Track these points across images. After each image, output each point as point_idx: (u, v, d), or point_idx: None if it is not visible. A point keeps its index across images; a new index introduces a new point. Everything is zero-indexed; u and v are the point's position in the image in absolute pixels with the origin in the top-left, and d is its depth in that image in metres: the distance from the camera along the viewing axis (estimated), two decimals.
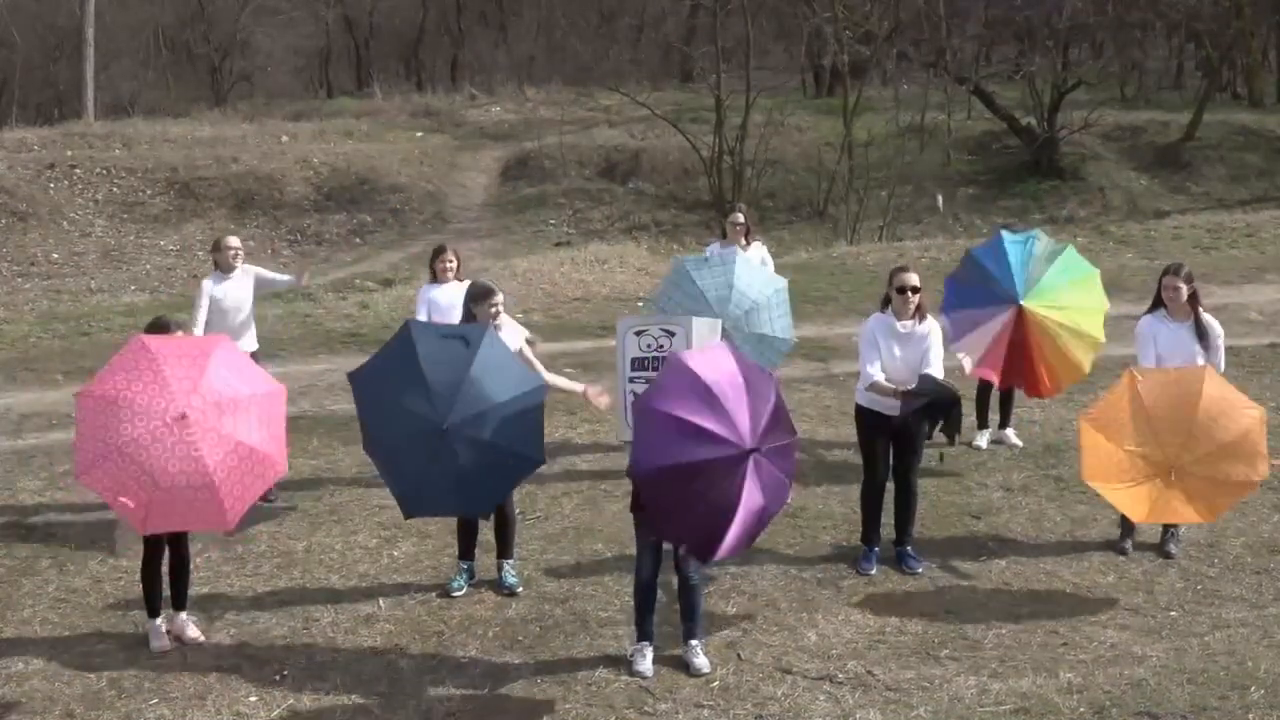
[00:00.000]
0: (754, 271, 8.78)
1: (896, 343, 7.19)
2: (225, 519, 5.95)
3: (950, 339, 8.41)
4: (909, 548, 7.50)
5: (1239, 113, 29.76)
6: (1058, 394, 9.00)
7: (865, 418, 7.40)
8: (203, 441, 5.82)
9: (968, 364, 8.58)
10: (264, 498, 7.31)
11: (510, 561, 7.29)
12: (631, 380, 6.29)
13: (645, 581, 6.33)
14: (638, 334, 6.28)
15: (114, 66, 36.93)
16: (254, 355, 8.12)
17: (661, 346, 6.25)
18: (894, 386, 7.07)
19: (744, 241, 9.82)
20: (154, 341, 6.13)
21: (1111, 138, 27.45)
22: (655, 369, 6.24)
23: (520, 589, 7.20)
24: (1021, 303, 8.34)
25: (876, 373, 7.12)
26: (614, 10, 41.66)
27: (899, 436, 7.36)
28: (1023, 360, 8.49)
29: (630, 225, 24.02)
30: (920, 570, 7.38)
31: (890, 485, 7.48)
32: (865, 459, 7.49)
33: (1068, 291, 8.58)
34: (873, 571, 7.37)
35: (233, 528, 6.15)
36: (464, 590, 7.19)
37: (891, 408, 7.20)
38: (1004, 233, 8.96)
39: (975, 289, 8.61)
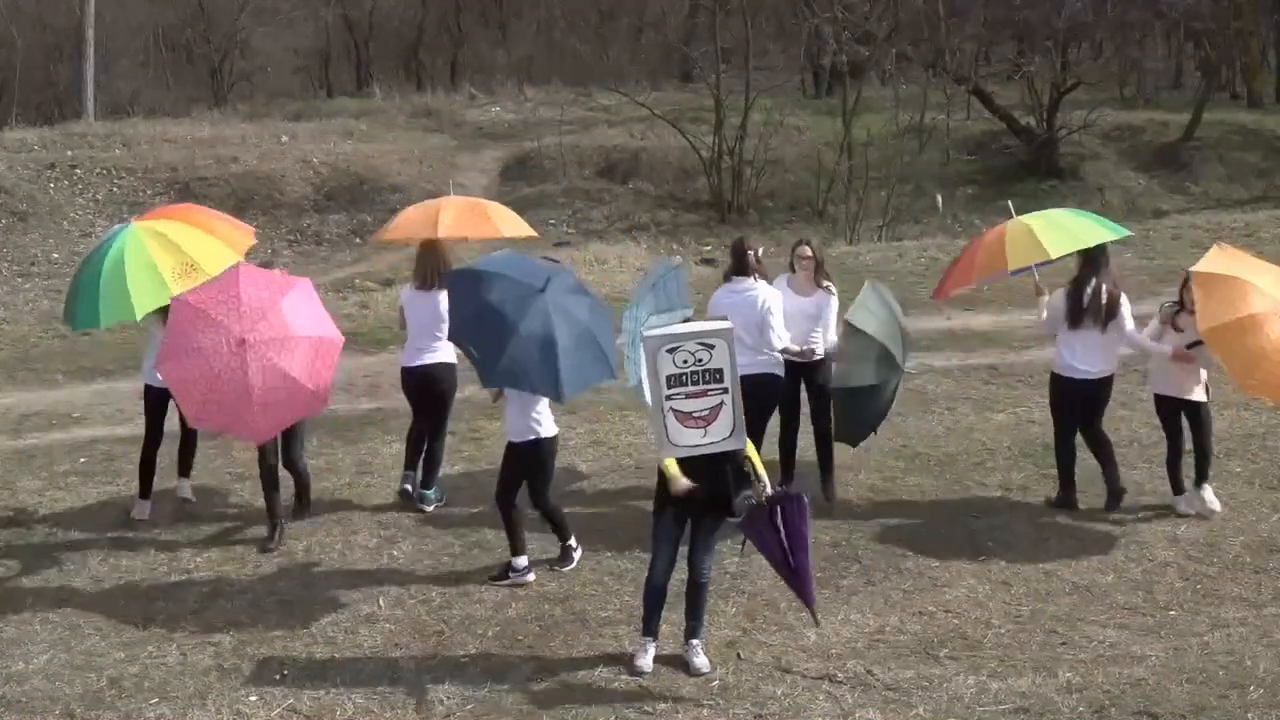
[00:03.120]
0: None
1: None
2: (257, 433, 7.23)
3: None
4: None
5: (1238, 113, 29.76)
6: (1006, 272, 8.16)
7: None
8: (253, 364, 6.87)
9: None
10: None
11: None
12: (669, 398, 6.16)
13: (659, 583, 6.36)
14: (670, 351, 6.19)
15: (114, 66, 36.85)
16: None
17: (700, 360, 6.16)
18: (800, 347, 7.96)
19: (816, 277, 8.22)
20: (244, 270, 7.33)
21: (1110, 138, 27.45)
22: (695, 383, 6.12)
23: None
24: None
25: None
26: (614, 10, 41.61)
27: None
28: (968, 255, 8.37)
29: (630, 225, 24.01)
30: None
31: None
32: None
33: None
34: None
35: (261, 440, 7.53)
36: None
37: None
38: None
39: None
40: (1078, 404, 8.09)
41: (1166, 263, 14.78)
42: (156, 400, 8.33)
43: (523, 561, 7.30)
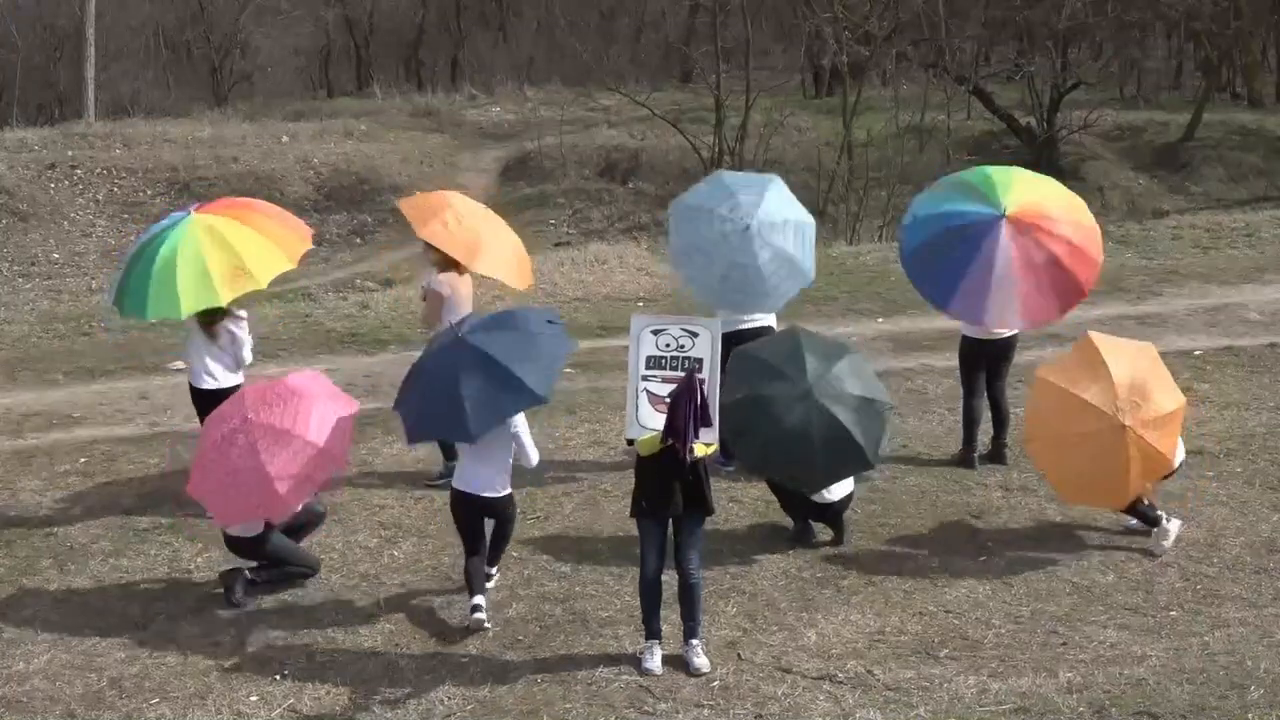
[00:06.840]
0: (787, 198, 8.75)
1: None
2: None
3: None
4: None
5: (1238, 113, 29.75)
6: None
7: None
8: (250, 444, 6.80)
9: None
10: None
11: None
12: (645, 379, 6.21)
13: (650, 580, 6.35)
14: (655, 333, 6.24)
15: (114, 66, 36.84)
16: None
17: (682, 346, 6.19)
18: None
19: None
20: (250, 391, 7.24)
21: (1111, 138, 27.45)
22: (674, 368, 6.18)
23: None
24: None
25: None
26: (614, 10, 41.65)
27: None
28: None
29: (630, 225, 24.02)
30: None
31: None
32: None
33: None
34: None
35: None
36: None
37: None
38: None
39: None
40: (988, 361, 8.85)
41: (1166, 263, 14.77)
42: (206, 403, 8.00)
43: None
